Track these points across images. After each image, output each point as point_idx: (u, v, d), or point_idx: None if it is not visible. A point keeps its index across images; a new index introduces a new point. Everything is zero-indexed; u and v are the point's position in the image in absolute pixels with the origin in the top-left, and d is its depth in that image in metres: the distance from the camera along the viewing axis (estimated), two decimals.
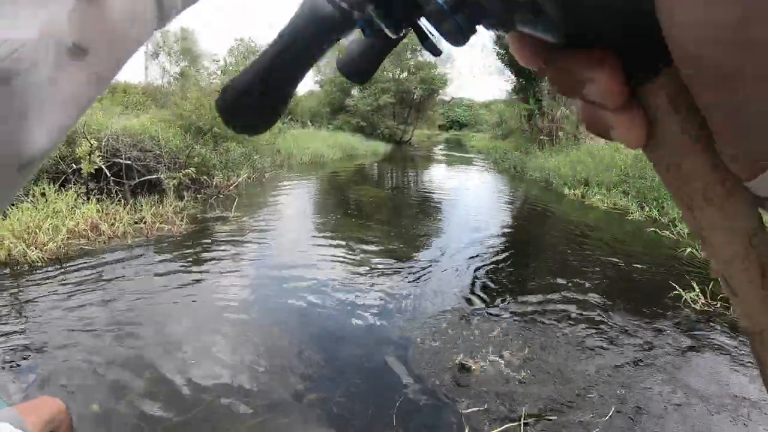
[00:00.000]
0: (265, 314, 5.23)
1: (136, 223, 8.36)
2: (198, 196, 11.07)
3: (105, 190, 9.43)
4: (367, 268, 6.85)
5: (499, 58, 25.33)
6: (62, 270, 6.32)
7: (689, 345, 4.76)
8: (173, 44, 35.44)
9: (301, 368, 4.08)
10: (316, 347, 4.46)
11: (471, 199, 13.69)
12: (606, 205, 12.04)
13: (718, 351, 4.64)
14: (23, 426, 1.83)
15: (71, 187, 8.86)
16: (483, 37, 25.87)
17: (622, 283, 6.63)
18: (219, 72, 38.73)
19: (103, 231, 7.71)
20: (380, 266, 6.94)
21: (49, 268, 6.35)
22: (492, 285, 6.33)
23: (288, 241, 8.16)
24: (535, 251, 8.37)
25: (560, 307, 5.57)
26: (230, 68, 38.84)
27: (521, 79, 24.46)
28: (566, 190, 14.27)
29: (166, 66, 35.36)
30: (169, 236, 7.96)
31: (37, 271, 6.23)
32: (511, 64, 24.33)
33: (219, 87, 14.71)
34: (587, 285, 6.31)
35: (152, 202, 9.32)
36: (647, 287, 6.44)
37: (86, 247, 7.23)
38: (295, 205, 11.54)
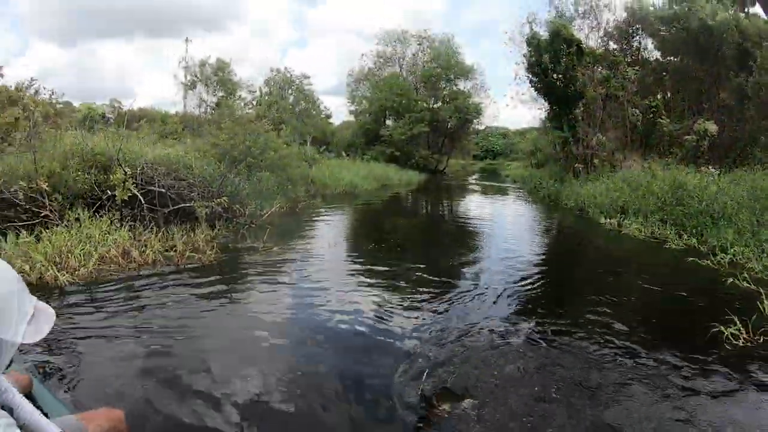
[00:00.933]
0: (294, 342, 5.16)
1: (167, 251, 8.32)
2: (230, 225, 10.99)
3: (139, 217, 9.44)
4: (398, 298, 6.72)
5: (532, 86, 25.12)
6: (92, 295, 6.31)
7: (732, 385, 4.46)
8: (210, 75, 36.11)
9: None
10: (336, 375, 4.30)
11: (504, 229, 13.50)
12: (643, 234, 11.65)
13: (762, 390, 4.35)
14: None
15: (105, 214, 8.88)
16: (517, 67, 25.88)
17: (660, 317, 6.33)
18: (255, 102, 39.53)
19: (134, 258, 7.70)
20: (411, 296, 6.81)
21: (80, 293, 6.35)
22: (521, 319, 6.11)
23: (317, 271, 8.06)
24: (568, 283, 8.14)
25: (591, 345, 5.28)
26: (266, 98, 39.56)
27: (555, 107, 24.19)
28: (602, 219, 13.90)
29: (203, 96, 36.11)
30: (199, 265, 7.91)
31: (68, 296, 6.24)
32: (544, 92, 24.11)
33: (254, 117, 14.90)
34: (621, 320, 6.01)
35: (184, 231, 9.31)
36: (686, 321, 6.12)
37: (116, 274, 7.22)
38: (326, 235, 11.46)
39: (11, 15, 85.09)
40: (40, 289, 6.33)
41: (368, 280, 7.62)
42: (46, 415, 1.90)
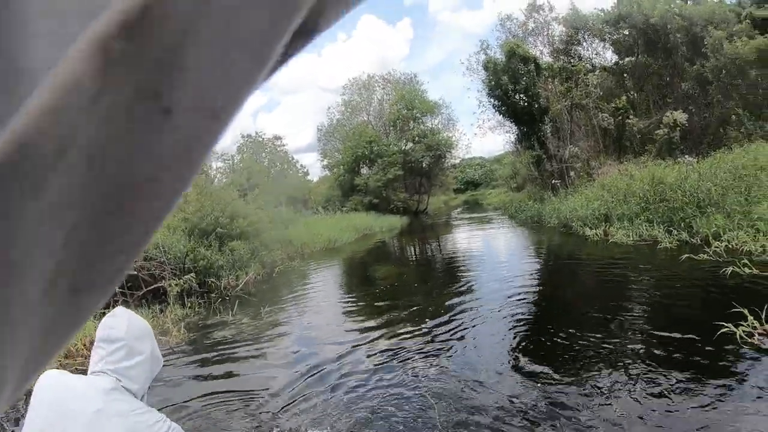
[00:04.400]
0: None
1: None
2: (201, 301, 10.36)
3: (111, 304, 8.70)
4: (391, 354, 6.10)
5: (496, 110, 24.88)
6: None
7: (752, 386, 3.83)
8: None
9: None
10: None
11: (493, 259, 12.81)
12: (632, 238, 11.05)
13: None
14: None
15: None
16: (479, 93, 25.74)
17: (666, 323, 5.64)
18: (229, 171, 39.06)
19: None
20: (406, 349, 6.19)
21: None
22: (523, 355, 5.51)
23: (286, 342, 7.29)
24: (565, 304, 7.50)
25: (597, 371, 4.66)
26: (240, 165, 39.13)
27: (522, 127, 23.94)
28: (587, 231, 13.29)
29: None
30: (165, 348, 7.16)
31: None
32: (509, 113, 23.86)
33: (226, 185, 14.38)
34: (627, 333, 5.47)
35: (154, 313, 8.87)
36: (694, 323, 5.46)
37: (82, 368, 6.48)
38: (301, 299, 10.56)
39: None
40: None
41: (353, 343, 6.85)
42: None
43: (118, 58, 0.16)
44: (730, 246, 8.12)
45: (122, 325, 1.98)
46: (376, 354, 6.21)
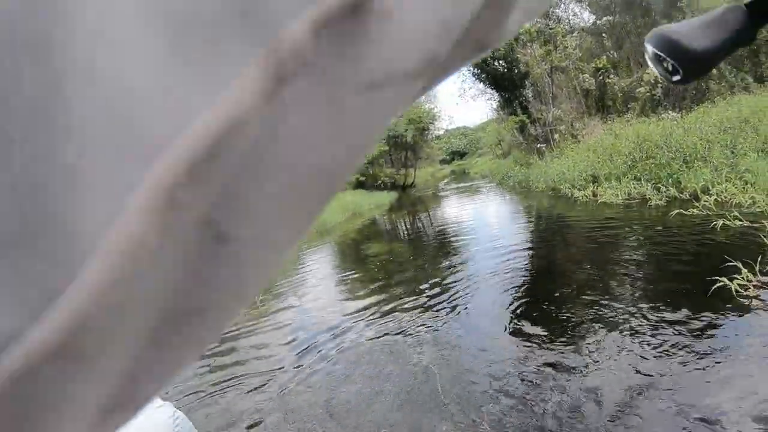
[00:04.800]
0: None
1: None
2: None
3: None
4: (389, 326, 6.16)
5: (476, 78, 24.75)
6: None
7: (749, 341, 3.84)
8: None
9: None
10: None
11: (483, 227, 12.72)
12: (620, 197, 11.00)
13: None
14: None
15: None
16: None
17: (660, 280, 5.68)
18: None
19: None
20: (404, 321, 6.23)
21: None
22: (519, 318, 5.54)
23: (284, 325, 7.24)
24: (558, 266, 7.50)
25: (593, 330, 4.66)
26: None
27: (504, 93, 23.83)
28: (576, 193, 13.23)
29: None
30: None
31: None
32: (489, 80, 23.75)
33: None
34: (621, 291, 5.46)
35: None
36: (688, 278, 5.47)
37: None
38: (296, 283, 10.32)
39: None
40: None
41: (337, 320, 6.85)
42: None
43: (186, 205, 0.15)
44: (719, 199, 8.12)
45: None
46: (374, 327, 6.27)
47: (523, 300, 6.11)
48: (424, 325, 5.94)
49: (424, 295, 7.18)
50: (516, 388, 4.04)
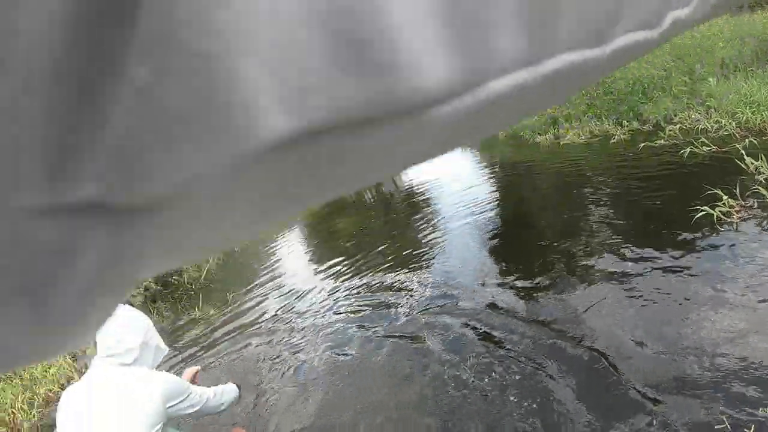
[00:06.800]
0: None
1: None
2: (166, 304, 9.76)
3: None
4: (372, 292, 6.21)
5: None
6: None
7: (739, 266, 3.73)
8: None
9: None
10: None
11: (448, 185, 12.48)
12: (583, 137, 10.86)
13: None
14: None
15: None
16: None
17: (637, 216, 5.56)
18: None
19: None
20: (386, 285, 6.24)
21: None
22: (498, 269, 5.51)
23: (261, 315, 7.06)
24: (530, 214, 7.44)
25: (572, 272, 4.56)
26: None
27: None
28: (537, 138, 13.02)
29: None
30: None
31: None
32: None
33: None
34: (599, 232, 5.39)
35: None
36: (667, 211, 5.35)
37: None
38: (268, 270, 10.09)
39: None
40: None
41: (317, 299, 6.71)
42: None
43: None
44: (684, 127, 8.03)
45: (111, 324, 2.29)
46: (357, 296, 6.26)
47: (497, 251, 6.08)
48: (405, 286, 5.96)
49: (400, 259, 7.10)
50: (501, 338, 3.93)
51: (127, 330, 2.38)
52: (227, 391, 2.99)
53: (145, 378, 2.34)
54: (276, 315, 6.86)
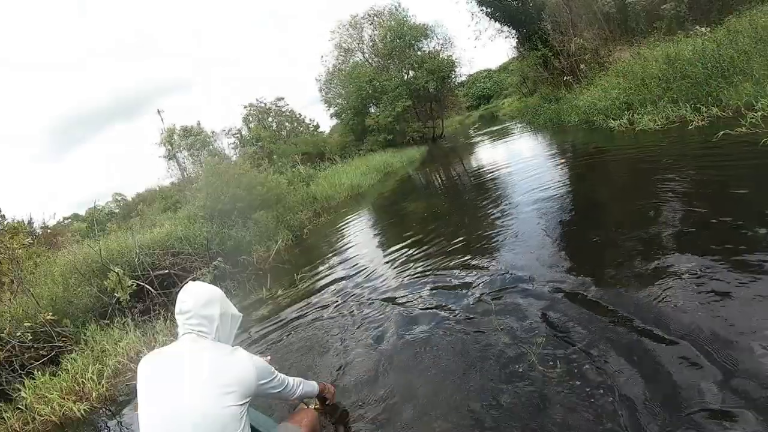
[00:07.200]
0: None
1: (175, 336, 7.46)
2: (234, 283, 10.09)
3: (151, 308, 8.94)
4: (441, 274, 6.29)
5: (490, 17, 24.09)
6: (108, 416, 5.92)
7: None
8: (180, 142, 35.55)
9: None
10: None
11: (519, 168, 12.32)
12: (658, 123, 10.55)
13: None
14: None
15: (117, 319, 8.36)
16: (468, 4, 24.92)
17: (715, 207, 5.23)
18: (239, 143, 38.92)
19: (143, 357, 6.89)
20: (455, 267, 6.36)
21: (97, 418, 5.98)
22: (568, 256, 5.48)
23: (329, 296, 7.11)
24: (604, 202, 7.31)
25: (646, 262, 4.40)
26: (248, 136, 38.92)
27: (521, 28, 23.16)
28: (611, 123, 12.73)
29: (185, 161, 35.68)
30: None
31: (88, 425, 5.86)
32: (504, 18, 23.08)
33: (241, 162, 14.06)
34: (675, 223, 5.18)
35: None
36: (745, 203, 5.08)
37: (131, 382, 6.54)
38: (335, 252, 10.41)
39: None
40: (66, 426, 6.02)
41: (385, 281, 6.68)
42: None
43: None
44: (767, 114, 7.70)
45: (189, 299, 2.60)
46: (425, 277, 6.40)
47: (567, 238, 6.14)
48: (469, 271, 6.05)
49: (468, 242, 7.28)
50: (566, 327, 3.94)
51: (202, 303, 2.60)
52: (307, 385, 3.24)
53: (236, 354, 2.57)
54: (343, 294, 7.01)
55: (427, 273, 6.51)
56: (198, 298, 2.60)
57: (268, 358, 3.14)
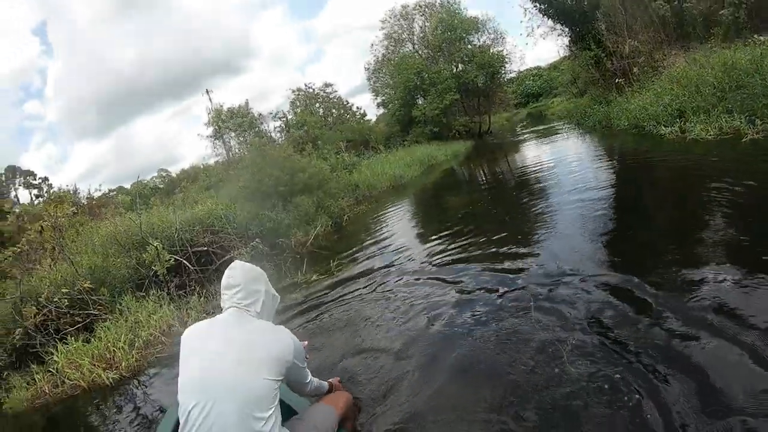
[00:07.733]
0: None
1: (207, 313, 7.73)
2: (274, 263, 10.25)
3: (187, 283, 9.20)
4: (482, 271, 6.26)
5: (544, 15, 23.81)
6: (135, 386, 6.15)
7: None
8: (228, 121, 35.97)
9: None
10: None
11: (565, 171, 12.22)
12: (711, 133, 10.28)
13: None
14: (335, 414, 3.02)
15: (153, 292, 8.62)
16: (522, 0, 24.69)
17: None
18: (285, 127, 39.15)
19: (176, 332, 7.21)
20: (497, 265, 6.29)
21: (125, 387, 6.20)
22: (608, 255, 5.57)
23: (362, 303, 6.73)
24: (651, 209, 7.23)
25: (691, 272, 4.36)
26: (294, 120, 39.13)
27: (575, 27, 22.84)
28: (662, 129, 12.49)
29: (232, 142, 36.15)
30: None
31: (115, 393, 6.09)
32: (558, 16, 22.78)
33: (285, 146, 14.20)
34: (723, 233, 5.12)
35: None
36: None
37: (161, 354, 6.85)
38: (373, 243, 10.44)
39: (43, 128, 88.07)
40: (94, 392, 6.27)
41: (424, 273, 6.70)
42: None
43: None
44: None
45: (238, 274, 2.68)
46: (463, 270, 6.43)
47: (609, 241, 6.08)
48: (508, 265, 6.13)
49: (507, 239, 7.30)
50: (604, 326, 3.99)
51: (250, 279, 2.69)
52: (321, 384, 3.23)
53: (279, 331, 2.64)
54: (377, 283, 7.07)
55: (464, 266, 6.59)
56: (247, 274, 2.69)
57: (305, 343, 3.14)
